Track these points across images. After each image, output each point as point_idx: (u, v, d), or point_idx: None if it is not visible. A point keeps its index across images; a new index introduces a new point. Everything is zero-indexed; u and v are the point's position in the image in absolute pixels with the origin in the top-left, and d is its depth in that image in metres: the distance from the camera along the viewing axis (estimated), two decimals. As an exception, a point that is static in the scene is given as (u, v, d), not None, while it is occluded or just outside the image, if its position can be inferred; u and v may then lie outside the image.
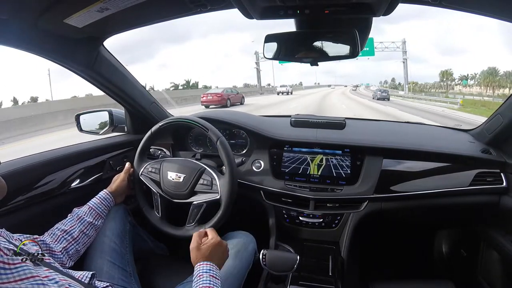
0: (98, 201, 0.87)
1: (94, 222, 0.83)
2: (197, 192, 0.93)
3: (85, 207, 0.85)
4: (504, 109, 1.03)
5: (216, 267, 0.69)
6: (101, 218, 0.85)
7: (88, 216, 0.82)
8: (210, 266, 0.68)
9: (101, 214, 0.85)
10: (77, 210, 0.83)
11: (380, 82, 74.40)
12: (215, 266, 0.69)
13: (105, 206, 0.87)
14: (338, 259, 1.04)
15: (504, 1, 0.66)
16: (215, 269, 0.69)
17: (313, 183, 1.11)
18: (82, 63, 0.94)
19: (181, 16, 0.84)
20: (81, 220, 0.81)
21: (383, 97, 20.79)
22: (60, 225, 0.78)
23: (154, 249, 1.07)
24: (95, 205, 0.86)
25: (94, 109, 1.28)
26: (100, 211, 0.85)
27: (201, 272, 0.67)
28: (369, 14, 0.72)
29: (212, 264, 0.69)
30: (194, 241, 0.74)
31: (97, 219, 0.84)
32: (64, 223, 0.79)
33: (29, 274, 0.43)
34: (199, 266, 0.68)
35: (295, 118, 1.25)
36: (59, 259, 0.72)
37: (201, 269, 0.67)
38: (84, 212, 0.83)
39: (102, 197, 0.88)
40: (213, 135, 0.93)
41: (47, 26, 0.75)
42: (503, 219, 1.08)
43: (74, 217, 0.81)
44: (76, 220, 0.80)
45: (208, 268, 0.68)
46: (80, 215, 0.82)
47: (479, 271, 1.22)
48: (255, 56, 29.57)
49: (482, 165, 1.06)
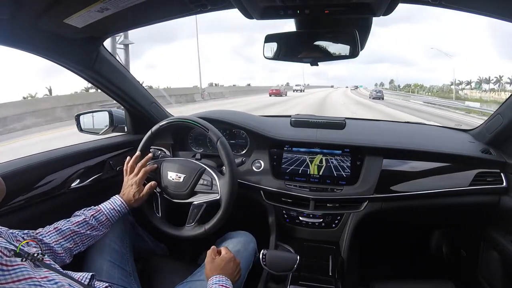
0: (113, 210, 0.84)
1: (105, 230, 0.82)
2: (197, 192, 0.93)
3: (99, 214, 0.82)
4: (504, 109, 1.03)
5: (226, 278, 0.72)
6: (111, 224, 0.85)
7: (101, 225, 0.81)
8: (219, 278, 0.71)
9: (112, 222, 0.85)
10: (92, 214, 0.80)
11: (375, 84, 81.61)
12: (225, 277, 0.72)
13: (118, 214, 0.86)
14: (338, 259, 1.04)
15: (504, 1, 0.66)
16: (225, 280, 0.72)
17: (313, 183, 1.11)
18: (82, 63, 0.94)
19: (181, 16, 0.84)
20: (94, 228, 0.79)
21: (378, 97, 25.48)
22: (71, 226, 0.76)
23: (154, 249, 1.07)
24: (109, 214, 0.83)
25: (94, 109, 1.28)
26: (112, 220, 0.84)
27: (211, 285, 0.70)
28: (369, 14, 0.72)
29: (222, 276, 0.72)
30: (208, 256, 0.78)
31: (108, 226, 0.83)
32: (77, 225, 0.76)
33: (27, 275, 0.43)
34: (210, 280, 0.72)
35: (295, 118, 1.25)
36: (60, 257, 0.72)
37: (211, 283, 0.71)
38: (99, 221, 0.81)
39: (117, 208, 0.85)
40: (213, 136, 0.93)
41: (47, 26, 0.75)
42: (503, 219, 1.08)
43: (88, 220, 0.78)
44: (88, 226, 0.78)
45: (218, 279, 0.71)
46: (91, 222, 0.79)
47: (479, 271, 1.22)
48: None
49: (482, 165, 1.06)
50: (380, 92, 27.89)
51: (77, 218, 0.78)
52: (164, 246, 1.13)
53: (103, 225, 0.82)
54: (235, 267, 0.78)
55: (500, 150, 1.09)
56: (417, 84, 58.26)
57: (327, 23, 0.88)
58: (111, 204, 0.85)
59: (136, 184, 0.90)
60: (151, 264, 0.97)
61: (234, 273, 0.77)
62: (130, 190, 0.89)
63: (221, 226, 0.91)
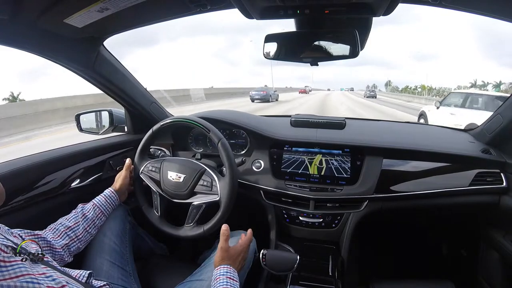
0: (103, 199, 0.87)
1: (98, 221, 0.83)
2: (197, 193, 0.93)
3: (89, 204, 0.85)
4: (504, 109, 1.03)
5: (234, 270, 0.73)
6: (105, 216, 0.86)
7: (92, 214, 0.82)
8: (227, 269, 0.72)
9: (105, 213, 0.86)
10: (82, 207, 0.83)
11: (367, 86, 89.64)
12: (232, 268, 0.73)
13: (110, 205, 0.88)
14: (338, 259, 1.04)
15: (504, 1, 0.66)
16: (233, 272, 0.72)
17: (313, 183, 1.11)
18: (82, 63, 0.94)
19: (181, 16, 0.84)
20: (85, 218, 0.81)
21: (372, 96, 31.89)
22: (64, 221, 0.78)
23: (154, 248, 1.07)
24: (99, 202, 0.86)
25: (94, 109, 1.28)
26: (104, 209, 0.86)
27: (218, 275, 0.70)
28: (369, 14, 0.72)
29: (230, 267, 0.72)
30: (224, 241, 0.77)
31: (101, 217, 0.84)
32: (69, 219, 0.79)
33: (24, 272, 0.44)
34: (218, 269, 0.72)
35: (295, 118, 1.25)
36: (59, 255, 0.72)
37: (219, 272, 0.71)
38: (88, 210, 0.83)
39: (107, 195, 0.89)
40: (214, 137, 0.93)
41: (47, 26, 0.75)
42: (503, 219, 1.08)
43: (78, 214, 0.81)
44: (81, 217, 0.80)
45: (226, 270, 0.71)
46: (84, 212, 0.82)
47: (479, 271, 1.22)
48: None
49: (482, 165, 1.06)
50: (374, 91, 37.00)
51: (71, 213, 0.81)
52: (164, 246, 1.13)
53: (96, 216, 0.83)
54: (243, 261, 0.79)
55: (500, 150, 1.09)
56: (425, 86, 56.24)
57: (327, 23, 0.88)
58: (102, 196, 0.89)
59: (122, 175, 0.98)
60: (151, 264, 0.97)
61: (240, 266, 0.78)
62: (117, 181, 0.97)
63: (221, 226, 0.91)
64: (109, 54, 1.01)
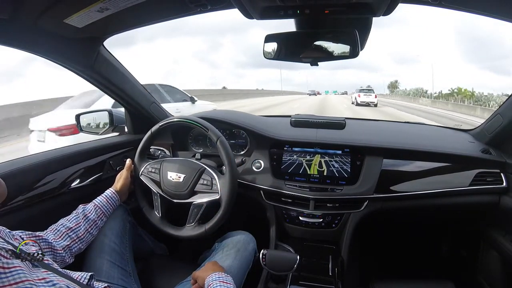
0: (104, 200, 0.87)
1: (99, 221, 0.83)
2: (197, 192, 0.93)
3: (91, 205, 0.84)
4: (504, 109, 1.03)
5: (226, 274, 0.71)
6: (106, 217, 0.86)
7: (93, 215, 0.82)
8: (219, 275, 0.70)
9: (106, 213, 0.86)
10: (83, 207, 0.83)
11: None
12: (224, 274, 0.71)
13: (111, 205, 0.88)
14: (338, 259, 1.04)
15: (504, 1, 0.66)
16: (225, 276, 0.70)
17: (313, 183, 1.11)
18: (82, 63, 0.94)
19: (181, 16, 0.84)
20: (87, 219, 0.80)
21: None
22: (65, 222, 0.78)
23: (154, 249, 1.07)
24: (101, 203, 0.86)
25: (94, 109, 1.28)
26: (105, 210, 0.85)
27: (211, 281, 0.68)
28: (369, 14, 0.72)
29: (220, 273, 0.71)
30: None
31: (102, 218, 0.84)
32: (70, 220, 0.78)
33: (23, 278, 0.44)
34: (208, 278, 0.70)
35: (295, 118, 1.25)
36: (61, 256, 0.72)
37: (210, 280, 0.69)
38: (90, 211, 0.82)
39: (108, 195, 0.89)
40: (213, 135, 0.93)
41: (47, 26, 0.75)
42: (503, 219, 1.08)
43: (79, 214, 0.81)
44: (82, 218, 0.80)
45: (217, 276, 0.70)
46: (86, 213, 0.81)
47: (479, 271, 1.22)
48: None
49: (482, 165, 1.06)
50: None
51: (72, 214, 0.80)
52: (164, 246, 1.13)
53: (98, 216, 0.83)
54: (222, 269, 0.77)
55: (500, 150, 1.09)
56: (462, 90, 39.10)
57: (327, 23, 0.89)
58: (103, 197, 0.88)
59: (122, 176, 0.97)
60: (151, 264, 0.97)
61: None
62: (118, 182, 0.96)
63: (221, 226, 0.91)
64: (109, 54, 1.01)
